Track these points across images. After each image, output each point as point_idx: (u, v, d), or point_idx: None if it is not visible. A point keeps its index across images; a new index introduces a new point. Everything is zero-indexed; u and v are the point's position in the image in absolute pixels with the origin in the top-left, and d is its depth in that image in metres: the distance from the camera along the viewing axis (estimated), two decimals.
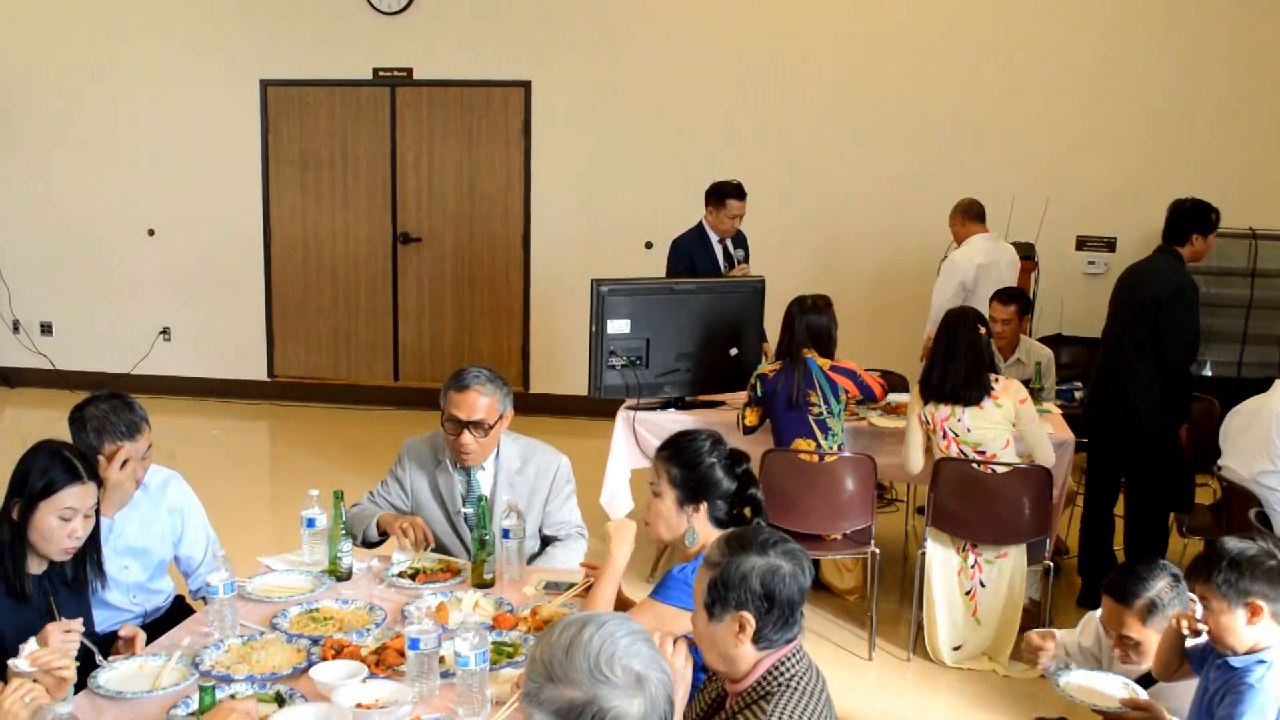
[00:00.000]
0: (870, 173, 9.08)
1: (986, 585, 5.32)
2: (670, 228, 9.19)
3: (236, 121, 9.97)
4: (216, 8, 9.85)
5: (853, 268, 9.00)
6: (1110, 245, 9.02)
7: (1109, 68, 8.83)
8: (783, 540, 2.63)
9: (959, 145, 9.03)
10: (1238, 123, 8.72)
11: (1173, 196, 8.65)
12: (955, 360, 5.36)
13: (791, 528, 5.41)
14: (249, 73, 9.90)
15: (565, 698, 1.97)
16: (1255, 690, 2.97)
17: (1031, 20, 8.89)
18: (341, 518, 3.72)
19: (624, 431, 6.19)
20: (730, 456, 3.39)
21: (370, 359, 10.18)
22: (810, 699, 2.55)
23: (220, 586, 3.31)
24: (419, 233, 9.94)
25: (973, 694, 5.13)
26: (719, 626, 2.57)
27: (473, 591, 3.61)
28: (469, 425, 3.94)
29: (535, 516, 4.14)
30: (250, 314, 10.23)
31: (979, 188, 8.84)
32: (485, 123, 9.74)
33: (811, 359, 5.64)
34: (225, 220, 10.12)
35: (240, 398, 10.19)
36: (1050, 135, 8.95)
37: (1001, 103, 8.97)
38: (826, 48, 9.14)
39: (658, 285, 6.40)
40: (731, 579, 2.55)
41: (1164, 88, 8.77)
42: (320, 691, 2.93)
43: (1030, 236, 8.52)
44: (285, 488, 7.92)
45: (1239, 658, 3.02)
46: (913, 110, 9.08)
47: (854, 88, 9.14)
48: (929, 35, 9.01)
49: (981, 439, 5.33)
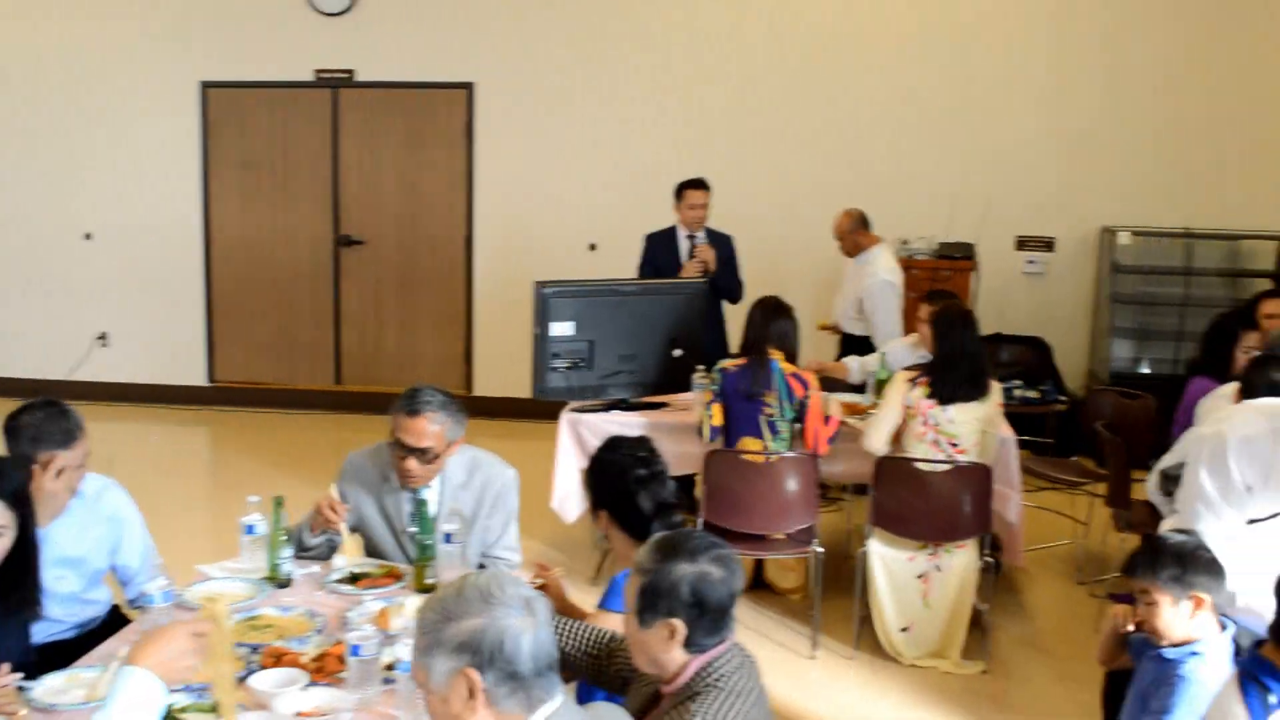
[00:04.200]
0: (812, 176, 9.11)
1: (942, 570, 5.37)
2: (614, 230, 9.24)
3: (176, 124, 9.86)
4: (156, 9, 9.73)
5: (796, 276, 8.96)
6: (1049, 245, 9.13)
7: (1047, 70, 8.94)
8: (713, 545, 2.64)
9: (899, 147, 9.10)
10: (1173, 125, 8.85)
11: (1110, 197, 8.90)
12: (963, 360, 5.43)
13: (735, 527, 5.46)
14: (188, 74, 9.79)
15: (466, 629, 2.12)
16: (1188, 681, 3.03)
17: (971, 22, 8.98)
18: (281, 524, 3.68)
19: (569, 434, 6.18)
20: (641, 463, 3.43)
21: (312, 363, 10.10)
22: (738, 699, 2.57)
23: (157, 595, 3.27)
24: (361, 235, 9.87)
25: (917, 690, 5.17)
26: (649, 632, 2.59)
27: (415, 596, 3.58)
28: (416, 452, 3.87)
29: (480, 530, 4.05)
30: (190, 318, 10.11)
31: (919, 189, 8.97)
32: (428, 125, 9.69)
33: (775, 361, 5.66)
34: (164, 223, 10.00)
35: (179, 403, 10.06)
36: (990, 137, 9.04)
37: (941, 104, 9.05)
38: (769, 51, 9.18)
39: (601, 287, 6.40)
40: (661, 586, 2.57)
41: (1102, 91, 8.89)
42: (259, 700, 2.90)
43: (970, 237, 8.62)
44: (225, 494, 7.83)
45: (1172, 650, 3.08)
46: (853, 113, 9.14)
47: (797, 91, 9.18)
48: (869, 37, 9.08)
49: (959, 432, 5.40)
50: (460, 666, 2.12)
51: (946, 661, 5.37)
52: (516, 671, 2.14)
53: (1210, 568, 3.09)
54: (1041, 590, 6.39)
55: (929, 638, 5.42)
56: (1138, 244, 8.73)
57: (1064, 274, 9.12)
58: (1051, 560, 6.78)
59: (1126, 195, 8.92)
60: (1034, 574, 6.54)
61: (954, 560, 5.38)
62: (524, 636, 2.14)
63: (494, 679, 2.13)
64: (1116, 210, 8.90)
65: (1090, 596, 6.25)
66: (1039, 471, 6.84)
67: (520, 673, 2.14)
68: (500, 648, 2.13)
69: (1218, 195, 8.78)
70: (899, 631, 5.42)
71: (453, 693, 2.14)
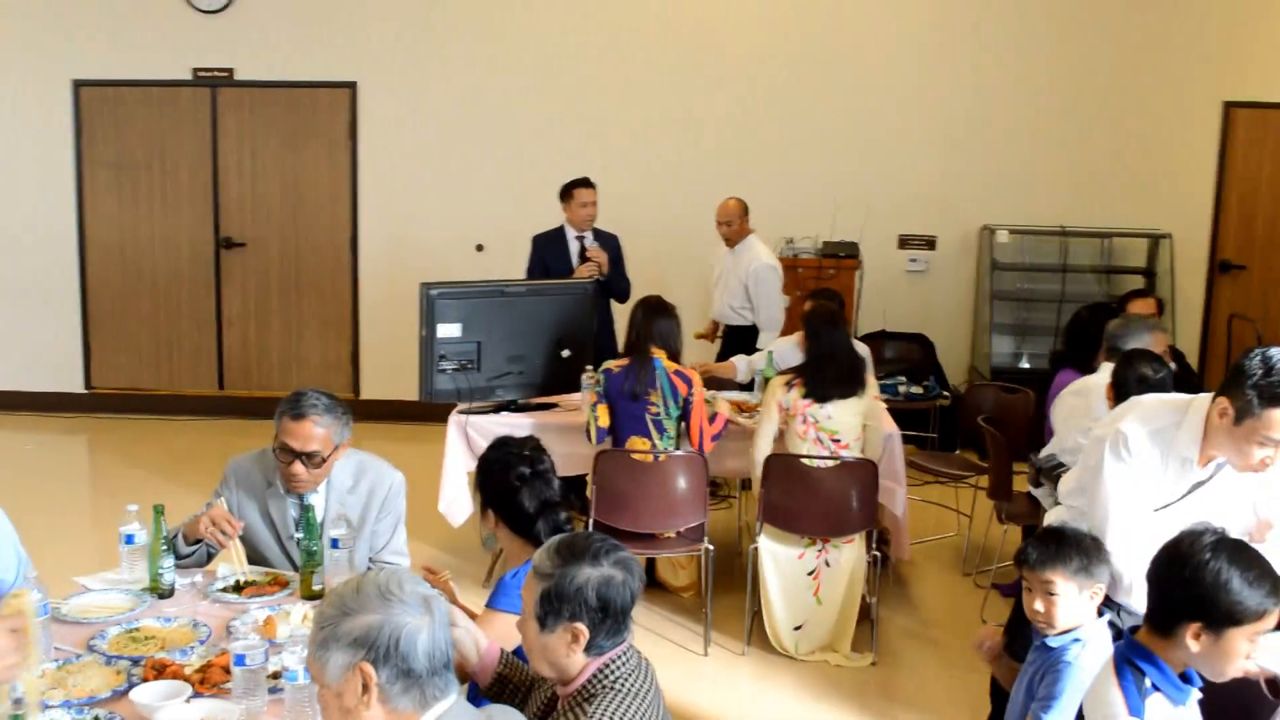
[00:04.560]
0: (697, 177, 9.16)
1: (831, 565, 5.44)
2: (501, 230, 9.20)
3: (47, 124, 9.57)
4: (24, 5, 9.44)
5: (680, 276, 8.96)
6: (931, 244, 9.30)
7: (929, 71, 9.11)
8: (614, 548, 2.63)
9: (783, 148, 9.20)
10: (1050, 126, 9.08)
11: (990, 197, 9.10)
12: (834, 360, 5.49)
13: (625, 527, 5.47)
14: (59, 73, 9.51)
15: (362, 624, 2.16)
16: (1072, 667, 3.10)
17: (852, 24, 9.11)
18: (162, 532, 3.59)
19: (457, 436, 6.13)
20: (524, 461, 3.43)
21: (194, 368, 9.89)
22: (634, 699, 2.57)
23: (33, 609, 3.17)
24: (242, 237, 9.69)
25: (808, 684, 5.22)
26: (551, 637, 2.57)
27: (302, 604, 3.53)
28: (302, 456, 3.80)
29: (367, 535, 3.99)
30: (65, 324, 9.83)
31: (803, 189, 9.08)
32: (310, 124, 9.55)
33: (658, 359, 5.68)
34: (36, 226, 9.70)
35: (55, 411, 9.77)
36: (872, 137, 9.18)
37: (824, 106, 9.17)
38: (655, 52, 9.21)
39: (488, 288, 6.37)
40: (566, 591, 2.55)
41: (981, 93, 9.08)
42: (141, 714, 2.83)
43: (854, 236, 8.74)
44: (105, 503, 7.63)
45: (1056, 638, 3.15)
46: (736, 114, 9.21)
47: (681, 91, 9.23)
48: (751, 39, 9.16)
49: (839, 427, 5.47)
50: (355, 661, 2.16)
51: (837, 655, 5.44)
52: (411, 669, 2.17)
53: (1105, 558, 3.19)
54: (928, 582, 6.51)
55: (821, 634, 5.50)
56: (1016, 242, 8.94)
57: (945, 272, 9.31)
58: (937, 552, 6.90)
59: (1005, 195, 9.13)
60: (920, 566, 6.65)
61: (843, 555, 5.46)
62: (420, 634, 2.18)
63: (388, 675, 2.16)
64: (995, 209, 9.11)
65: (975, 587, 6.37)
66: (923, 466, 6.97)
67: (415, 670, 2.17)
68: (396, 644, 2.16)
69: (1091, 195, 9.04)
70: (792, 630, 5.48)
71: (347, 687, 2.17)
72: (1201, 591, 2.56)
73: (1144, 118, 9.02)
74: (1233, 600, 2.54)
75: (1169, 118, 9.02)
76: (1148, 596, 2.73)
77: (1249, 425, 3.23)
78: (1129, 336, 5.15)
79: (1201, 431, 3.37)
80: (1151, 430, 3.45)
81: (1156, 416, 3.48)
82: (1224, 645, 2.57)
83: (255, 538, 3.98)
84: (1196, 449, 3.38)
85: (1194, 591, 2.57)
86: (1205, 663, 2.62)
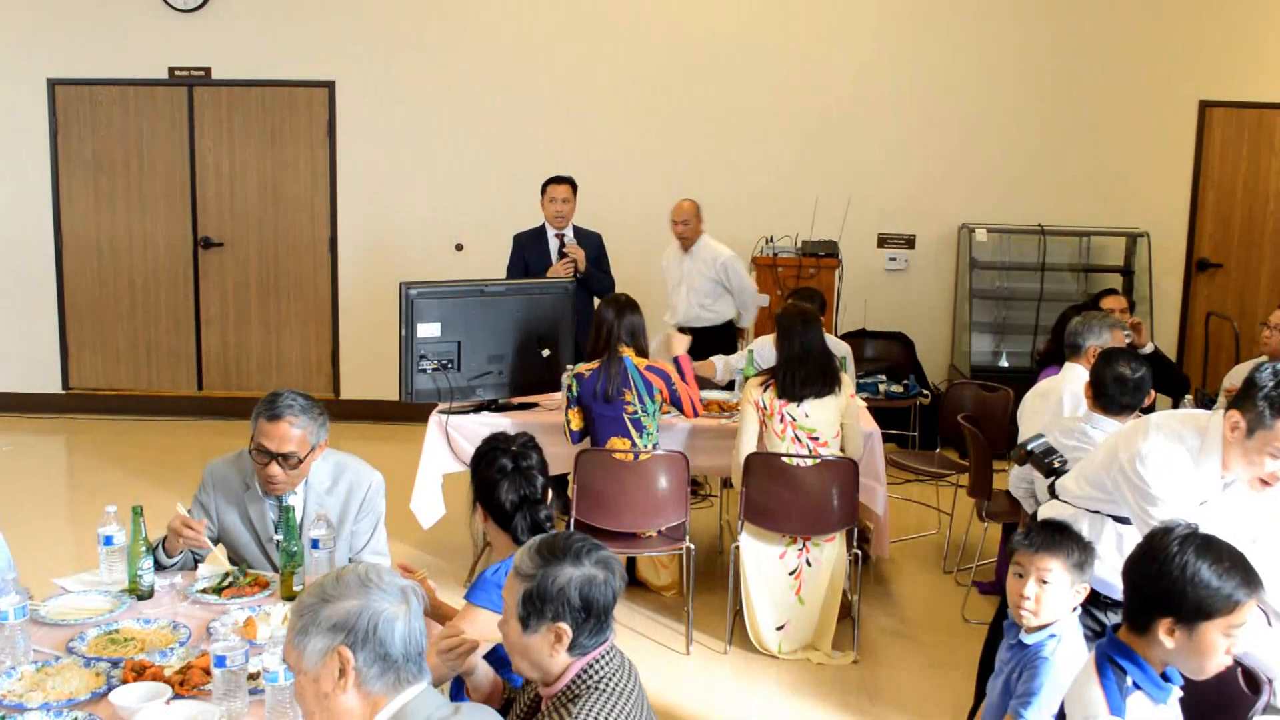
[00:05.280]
0: (680, 176, 9.17)
1: (813, 565, 5.45)
2: (480, 229, 9.19)
3: (22, 123, 9.52)
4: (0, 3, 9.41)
5: None
6: (910, 242, 9.33)
7: (909, 71, 9.13)
8: (595, 547, 2.62)
9: (763, 148, 9.21)
10: (1029, 125, 9.12)
11: (969, 196, 9.14)
12: (807, 359, 5.50)
13: (606, 526, 5.46)
14: (35, 72, 9.46)
15: (341, 610, 2.22)
16: (1049, 663, 3.12)
17: (833, 23, 9.13)
18: (141, 533, 3.57)
19: (437, 436, 6.12)
20: (509, 455, 3.43)
21: (173, 368, 9.85)
22: (619, 699, 2.56)
23: (10, 611, 3.15)
24: (221, 237, 9.66)
25: (790, 683, 5.23)
26: (534, 637, 2.56)
27: (282, 605, 3.52)
28: (278, 457, 3.79)
29: (346, 535, 3.98)
30: (42, 324, 9.78)
31: (783, 188, 9.09)
32: (288, 124, 9.52)
33: (628, 358, 5.68)
34: (12, 226, 9.65)
35: (33, 412, 9.72)
36: (851, 138, 9.20)
37: (804, 106, 9.19)
38: (633, 51, 9.21)
39: (468, 287, 6.35)
40: (548, 591, 2.53)
41: (961, 92, 9.12)
42: (121, 716, 2.81)
43: (833, 234, 8.75)
44: (84, 504, 7.59)
45: (1031, 635, 3.17)
46: (718, 114, 9.22)
47: (664, 93, 9.24)
48: (732, 41, 9.17)
49: (817, 425, 5.47)
50: (334, 645, 2.21)
51: (818, 653, 5.45)
52: (388, 653, 2.24)
53: (1094, 562, 3.25)
54: (909, 580, 6.52)
55: (803, 633, 5.50)
56: (994, 241, 8.98)
57: (925, 270, 9.34)
58: (918, 550, 6.92)
59: (983, 194, 9.17)
60: (901, 564, 6.67)
61: (824, 554, 5.47)
62: (397, 621, 2.25)
63: (365, 658, 2.22)
64: (974, 208, 9.15)
65: (956, 585, 6.39)
66: (903, 464, 6.98)
67: (391, 655, 2.24)
68: (374, 628, 2.22)
69: (1069, 194, 9.09)
70: (774, 630, 5.49)
71: (324, 671, 2.22)
72: (1169, 585, 2.55)
73: (1121, 117, 9.06)
74: (1201, 593, 2.53)
75: (1146, 117, 9.07)
76: (1123, 594, 2.73)
77: (1261, 437, 3.27)
78: (1088, 334, 5.20)
79: (1220, 449, 3.40)
80: (1169, 460, 3.47)
81: (1179, 438, 3.49)
82: (1198, 640, 2.55)
83: (235, 540, 3.97)
84: (1219, 466, 3.42)
85: (1163, 586, 2.56)
86: (1182, 659, 2.61)
